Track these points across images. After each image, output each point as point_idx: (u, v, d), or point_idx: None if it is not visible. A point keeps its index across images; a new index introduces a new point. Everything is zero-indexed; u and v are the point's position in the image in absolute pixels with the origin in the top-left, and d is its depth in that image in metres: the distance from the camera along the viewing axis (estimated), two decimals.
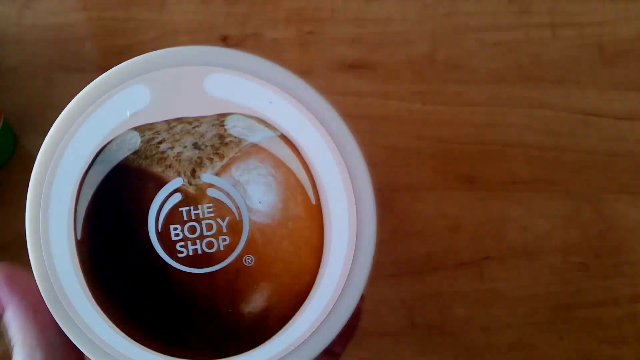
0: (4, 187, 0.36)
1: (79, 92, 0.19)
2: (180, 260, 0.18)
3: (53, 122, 0.20)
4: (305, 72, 0.39)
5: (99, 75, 0.19)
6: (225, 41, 0.40)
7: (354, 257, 0.18)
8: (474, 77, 0.38)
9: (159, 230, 0.18)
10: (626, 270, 0.34)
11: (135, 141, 0.18)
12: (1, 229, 0.35)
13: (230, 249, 0.18)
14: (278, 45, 0.40)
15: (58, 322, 0.18)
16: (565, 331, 0.33)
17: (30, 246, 0.18)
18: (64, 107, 0.19)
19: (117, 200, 0.18)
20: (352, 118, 0.37)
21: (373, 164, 0.36)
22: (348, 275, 0.18)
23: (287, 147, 0.18)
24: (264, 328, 0.18)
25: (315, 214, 0.18)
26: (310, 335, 0.18)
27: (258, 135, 0.18)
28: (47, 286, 0.18)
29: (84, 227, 0.18)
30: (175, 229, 0.18)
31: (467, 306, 0.33)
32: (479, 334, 0.33)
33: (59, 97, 0.38)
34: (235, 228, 0.18)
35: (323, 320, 0.18)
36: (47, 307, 0.18)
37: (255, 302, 0.18)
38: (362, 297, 0.22)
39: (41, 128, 0.40)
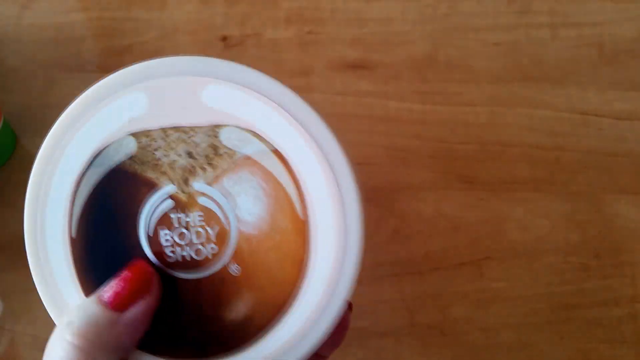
0: (4, 187, 0.36)
1: (79, 92, 0.20)
2: (168, 265, 0.19)
3: (53, 122, 0.20)
4: (305, 72, 0.39)
5: (98, 75, 0.19)
6: (225, 41, 0.40)
7: (339, 271, 0.18)
8: (474, 77, 0.38)
9: (150, 234, 0.19)
10: (626, 270, 0.34)
11: (132, 146, 0.19)
12: (1, 229, 0.35)
13: (217, 257, 0.18)
14: (278, 45, 0.40)
15: (51, 316, 0.19)
16: (565, 331, 0.32)
17: (27, 242, 0.19)
18: (64, 108, 0.20)
19: (111, 202, 0.19)
20: (352, 118, 0.37)
21: (373, 164, 0.36)
22: (332, 288, 0.18)
23: (278, 161, 0.18)
24: (244, 335, 0.18)
25: (302, 228, 0.18)
26: (291, 344, 0.18)
27: (251, 148, 0.18)
28: (41, 280, 0.19)
29: (78, 225, 0.19)
30: (166, 234, 0.19)
31: (467, 306, 0.33)
32: (479, 334, 0.33)
33: (59, 97, 0.38)
34: (223, 237, 0.18)
35: (305, 330, 0.18)
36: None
37: (238, 310, 0.18)
38: (350, 307, 0.22)
39: (41, 128, 0.40)
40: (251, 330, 0.18)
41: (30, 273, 0.19)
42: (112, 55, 0.40)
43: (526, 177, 0.35)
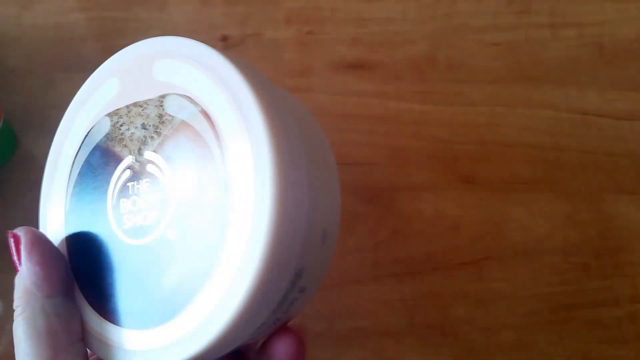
0: (4, 187, 0.36)
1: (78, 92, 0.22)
2: (125, 232, 0.20)
3: (53, 122, 0.22)
4: (305, 72, 0.39)
5: None
6: (225, 41, 0.40)
7: (256, 221, 0.17)
8: (474, 77, 0.38)
9: (113, 203, 0.20)
10: (626, 270, 0.34)
11: (107, 125, 0.21)
12: (1, 228, 0.35)
13: (159, 222, 0.19)
14: (278, 45, 0.40)
15: None
16: (565, 331, 0.33)
17: (40, 222, 0.22)
18: (65, 107, 0.22)
19: (91, 178, 0.21)
20: (352, 118, 0.37)
21: (373, 164, 0.36)
22: (250, 238, 0.17)
23: (205, 120, 0.19)
24: (178, 299, 0.18)
25: (223, 184, 0.18)
26: (218, 306, 0.17)
27: (186, 113, 0.19)
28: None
29: (70, 201, 0.22)
30: (124, 202, 0.20)
31: (467, 306, 0.33)
32: (479, 334, 0.33)
33: (59, 97, 0.38)
34: (164, 202, 0.19)
35: (228, 288, 0.17)
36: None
37: (173, 274, 0.18)
38: (298, 335, 0.21)
39: (41, 128, 0.40)
40: (182, 296, 0.18)
41: None
42: (112, 55, 0.40)
43: (526, 177, 0.36)
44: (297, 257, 0.18)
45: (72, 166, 0.22)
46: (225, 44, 0.40)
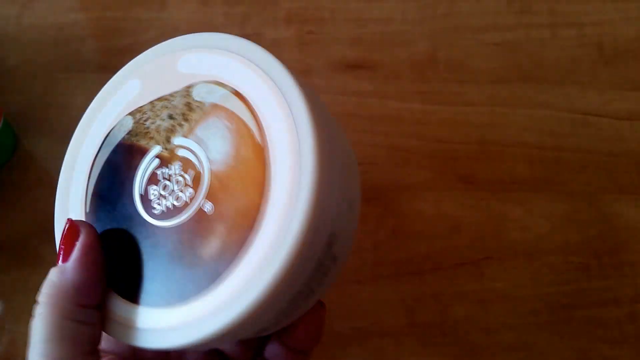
0: (4, 187, 0.36)
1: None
2: (155, 216, 0.20)
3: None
4: (305, 72, 0.39)
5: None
6: None
7: (296, 192, 0.18)
8: (474, 77, 0.38)
9: (142, 194, 0.21)
10: (626, 270, 0.34)
11: (129, 124, 0.22)
12: (1, 229, 0.35)
13: (194, 200, 0.20)
14: (278, 45, 0.40)
15: None
16: (565, 331, 0.32)
17: (56, 222, 0.22)
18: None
19: (114, 175, 0.21)
20: (352, 118, 0.37)
21: (373, 164, 0.36)
22: (290, 209, 0.18)
23: (238, 99, 0.20)
24: (218, 268, 0.18)
25: (261, 154, 0.19)
26: (253, 275, 0.18)
27: (216, 96, 0.20)
28: None
29: (91, 201, 0.22)
30: (153, 189, 0.20)
31: (467, 306, 0.33)
32: (479, 334, 0.33)
33: (59, 97, 0.38)
34: (198, 180, 0.20)
35: (268, 256, 0.18)
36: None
37: (212, 245, 0.19)
38: (324, 307, 0.22)
39: (41, 128, 0.40)
40: (222, 262, 0.18)
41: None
42: (112, 55, 0.40)
43: (526, 177, 0.36)
44: (331, 220, 0.19)
45: (92, 167, 0.22)
46: None
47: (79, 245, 0.20)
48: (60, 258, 0.20)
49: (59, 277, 0.19)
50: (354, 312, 0.33)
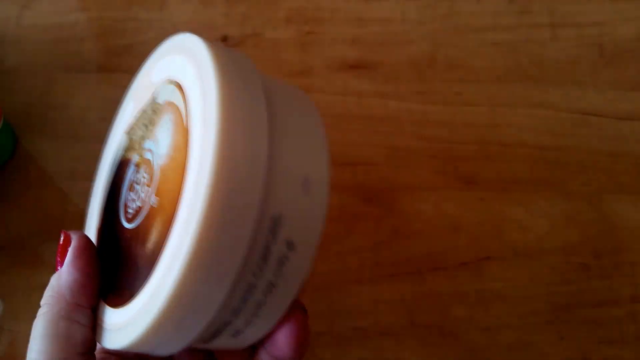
0: (4, 187, 0.36)
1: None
2: (128, 220, 0.21)
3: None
4: (305, 72, 0.39)
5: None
6: (225, 41, 0.40)
7: (201, 162, 0.17)
8: (474, 77, 0.38)
9: (125, 202, 0.22)
10: (626, 270, 0.34)
11: (125, 141, 0.23)
12: (1, 229, 0.35)
13: (148, 197, 0.20)
14: (278, 45, 0.40)
15: None
16: (565, 331, 0.33)
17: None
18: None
19: (115, 190, 0.23)
20: (352, 118, 0.37)
21: (373, 164, 0.36)
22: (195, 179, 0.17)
23: (178, 91, 0.20)
24: (153, 263, 0.18)
25: (185, 136, 0.18)
26: (174, 249, 0.17)
27: (167, 93, 0.21)
28: None
29: (102, 217, 0.23)
30: (129, 195, 0.21)
31: (467, 306, 0.33)
32: (479, 334, 0.33)
33: (59, 97, 0.38)
34: (152, 177, 0.20)
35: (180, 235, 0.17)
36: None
37: (152, 240, 0.19)
38: (305, 312, 0.20)
39: (41, 128, 0.40)
40: (154, 259, 0.18)
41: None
42: (112, 55, 0.40)
43: (526, 177, 0.36)
44: (260, 200, 0.17)
45: (106, 186, 0.24)
46: (225, 44, 0.40)
47: (70, 249, 0.21)
48: (57, 265, 0.21)
49: (57, 281, 0.21)
50: (354, 312, 0.33)
